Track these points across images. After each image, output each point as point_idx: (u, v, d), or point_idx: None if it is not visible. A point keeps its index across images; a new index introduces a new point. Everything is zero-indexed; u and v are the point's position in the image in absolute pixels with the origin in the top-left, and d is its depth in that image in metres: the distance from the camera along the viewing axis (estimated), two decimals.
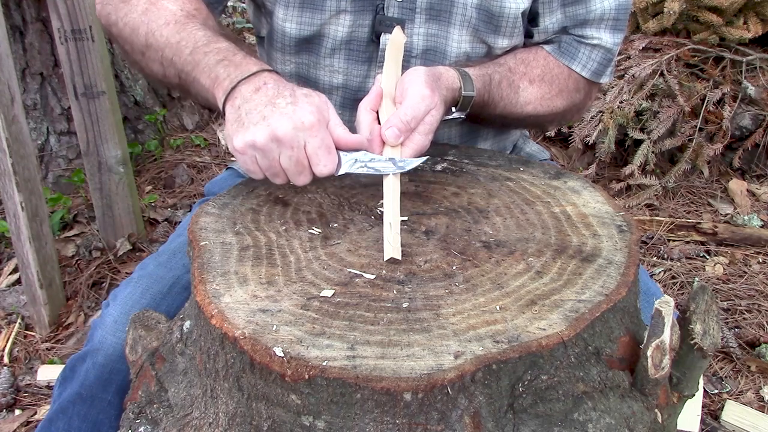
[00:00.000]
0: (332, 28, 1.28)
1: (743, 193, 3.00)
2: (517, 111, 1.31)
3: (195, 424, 0.91)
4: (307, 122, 0.97)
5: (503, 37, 1.30)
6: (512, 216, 1.06)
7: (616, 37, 1.31)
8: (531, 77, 1.31)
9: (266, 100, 0.99)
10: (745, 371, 2.16)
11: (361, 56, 1.31)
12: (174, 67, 1.12)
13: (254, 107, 0.99)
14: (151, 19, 1.16)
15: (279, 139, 0.96)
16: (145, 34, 1.15)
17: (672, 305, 0.85)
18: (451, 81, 1.17)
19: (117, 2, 1.21)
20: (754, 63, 3.03)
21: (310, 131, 0.97)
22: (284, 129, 0.96)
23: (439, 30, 1.29)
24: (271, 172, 1.00)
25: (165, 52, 1.13)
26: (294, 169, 0.99)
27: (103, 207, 2.61)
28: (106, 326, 1.19)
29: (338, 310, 0.84)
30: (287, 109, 0.98)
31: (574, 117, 1.46)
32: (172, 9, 1.16)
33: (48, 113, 2.92)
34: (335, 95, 1.36)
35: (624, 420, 0.84)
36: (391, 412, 0.75)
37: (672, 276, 2.54)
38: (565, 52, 1.32)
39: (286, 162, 0.98)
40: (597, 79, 1.35)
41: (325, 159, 0.99)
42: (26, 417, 2.04)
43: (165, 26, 1.14)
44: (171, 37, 1.12)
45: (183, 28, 1.13)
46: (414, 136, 1.07)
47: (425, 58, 1.30)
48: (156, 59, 1.15)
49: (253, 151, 0.98)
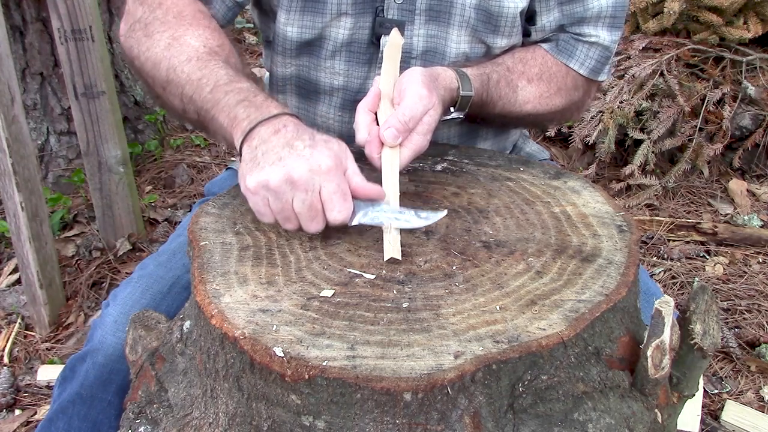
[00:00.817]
0: (333, 31, 1.28)
1: (743, 193, 3.00)
2: (516, 110, 1.31)
3: (195, 424, 0.91)
4: (324, 166, 0.94)
5: (502, 36, 1.30)
6: (512, 216, 1.06)
7: (613, 34, 1.31)
8: (529, 76, 1.31)
9: (284, 142, 0.96)
10: (745, 371, 2.16)
11: (362, 58, 1.31)
12: (194, 104, 1.10)
13: (271, 148, 0.96)
14: (173, 54, 1.13)
15: (294, 181, 0.93)
16: (166, 69, 1.13)
17: (672, 305, 0.85)
18: (449, 81, 1.17)
19: (140, 36, 1.19)
20: (754, 63, 3.03)
21: (326, 176, 0.94)
22: (300, 171, 0.93)
23: (439, 31, 1.29)
24: (283, 216, 0.97)
25: (185, 88, 1.10)
26: (307, 214, 0.95)
27: (103, 207, 2.61)
28: (106, 326, 1.19)
29: (338, 310, 0.84)
30: (305, 152, 0.94)
31: (573, 115, 1.46)
32: (195, 45, 1.14)
33: (48, 113, 2.92)
34: (335, 97, 1.36)
35: (624, 420, 0.84)
36: (391, 412, 0.75)
37: (672, 276, 2.54)
38: (563, 50, 1.33)
39: (299, 206, 0.94)
40: (595, 77, 1.35)
41: (340, 205, 0.95)
42: (26, 417, 2.04)
43: (187, 62, 1.11)
44: (192, 74, 1.10)
45: (205, 66, 1.10)
46: (412, 137, 1.07)
47: (425, 59, 1.30)
48: (176, 95, 1.12)
49: (266, 192, 0.95)
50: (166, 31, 1.16)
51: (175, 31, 1.16)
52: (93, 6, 2.36)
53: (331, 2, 1.25)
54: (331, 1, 1.25)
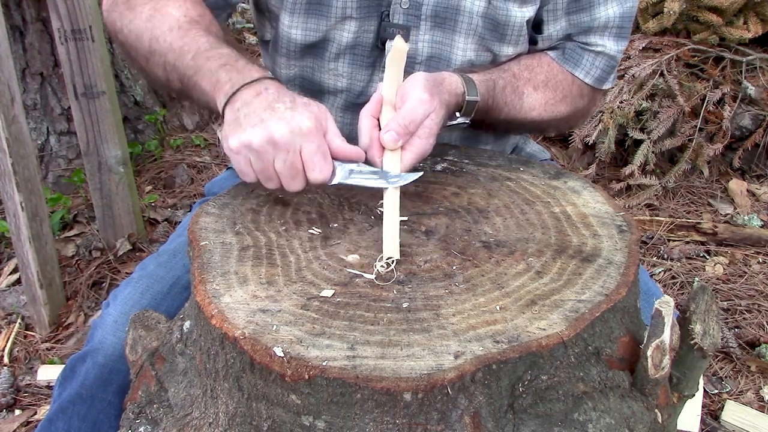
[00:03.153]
0: (337, 34, 1.28)
1: (743, 193, 3.00)
2: (521, 116, 1.31)
3: (195, 424, 0.91)
4: (304, 127, 0.97)
5: (508, 45, 1.30)
6: (512, 216, 1.06)
7: (619, 44, 1.32)
8: (535, 83, 1.31)
9: (266, 104, 0.99)
10: (745, 371, 2.16)
11: (366, 61, 1.31)
12: (176, 72, 1.13)
13: (253, 110, 0.99)
14: (155, 25, 1.16)
15: (275, 141, 0.96)
16: (149, 40, 1.16)
17: (672, 305, 0.85)
18: (455, 86, 1.17)
19: (123, 9, 1.22)
20: (754, 63, 3.03)
21: (306, 136, 0.97)
22: (281, 132, 0.96)
23: (444, 37, 1.29)
24: (265, 175, 1.00)
25: (168, 57, 1.13)
26: (288, 173, 0.99)
27: (103, 207, 2.61)
28: (106, 326, 1.19)
29: (338, 310, 0.84)
30: (286, 114, 0.98)
31: (578, 123, 1.46)
32: (176, 15, 1.17)
33: (48, 113, 2.92)
34: (338, 98, 1.36)
35: (624, 420, 0.84)
36: (391, 412, 0.75)
37: (672, 276, 2.54)
38: (569, 59, 1.33)
39: (280, 166, 0.98)
40: (600, 85, 1.36)
41: (320, 165, 0.99)
42: (26, 417, 2.04)
43: (168, 32, 1.14)
44: (174, 43, 1.13)
45: (186, 34, 1.13)
46: (414, 140, 1.06)
47: (429, 64, 1.30)
48: (159, 64, 1.16)
49: (248, 152, 0.98)
50: (147, 3, 1.20)
51: (157, 3, 1.19)
52: (93, 6, 2.35)
53: (336, 5, 1.25)
54: (336, 5, 1.25)
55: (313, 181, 0.99)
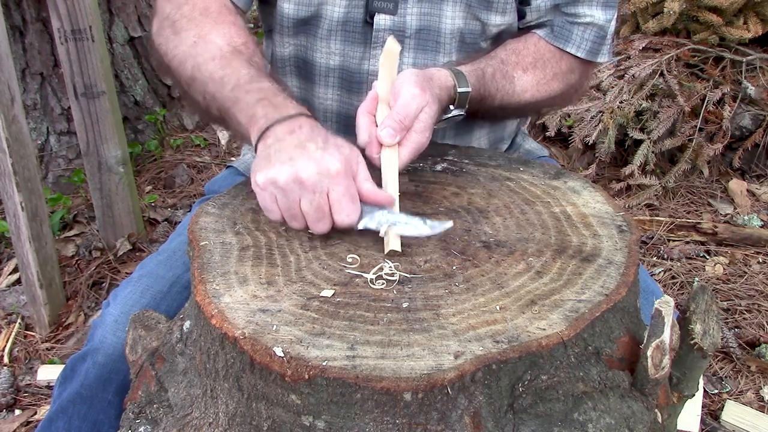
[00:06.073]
0: (328, 9, 1.29)
1: (743, 193, 3.00)
2: (515, 100, 1.31)
3: (195, 424, 0.91)
4: (333, 169, 0.95)
5: (496, 13, 1.31)
6: (512, 216, 1.06)
7: (607, 13, 1.32)
8: (524, 65, 1.32)
9: (297, 142, 0.98)
10: (745, 371, 2.16)
11: (357, 38, 1.32)
12: (215, 102, 1.12)
13: (284, 147, 0.98)
14: (198, 52, 1.16)
15: (302, 181, 0.94)
16: (191, 67, 1.16)
17: (672, 305, 0.85)
18: (444, 80, 1.18)
19: (169, 33, 1.22)
20: (754, 63, 3.03)
21: (335, 179, 0.95)
22: (308, 172, 0.94)
23: (432, 8, 1.29)
24: (290, 214, 0.98)
25: (208, 86, 1.13)
26: (314, 215, 0.96)
27: (103, 207, 2.61)
28: (106, 326, 1.19)
29: (338, 310, 0.84)
30: (316, 154, 0.96)
31: (572, 99, 1.47)
32: (219, 44, 1.17)
33: (48, 113, 2.92)
34: (333, 77, 1.37)
35: (624, 420, 0.84)
36: (391, 412, 0.75)
37: (672, 276, 2.54)
38: (559, 36, 1.33)
39: (306, 206, 0.96)
40: (594, 58, 1.36)
41: (348, 208, 0.96)
42: (26, 417, 2.04)
43: (210, 60, 1.14)
44: (215, 72, 1.12)
45: (228, 64, 1.13)
46: (411, 135, 1.07)
47: (419, 37, 1.31)
48: (200, 92, 1.15)
49: (274, 189, 0.97)
50: (192, 29, 1.19)
51: (201, 29, 1.19)
52: (93, 6, 2.36)
53: None
54: None
55: (339, 224, 0.97)
